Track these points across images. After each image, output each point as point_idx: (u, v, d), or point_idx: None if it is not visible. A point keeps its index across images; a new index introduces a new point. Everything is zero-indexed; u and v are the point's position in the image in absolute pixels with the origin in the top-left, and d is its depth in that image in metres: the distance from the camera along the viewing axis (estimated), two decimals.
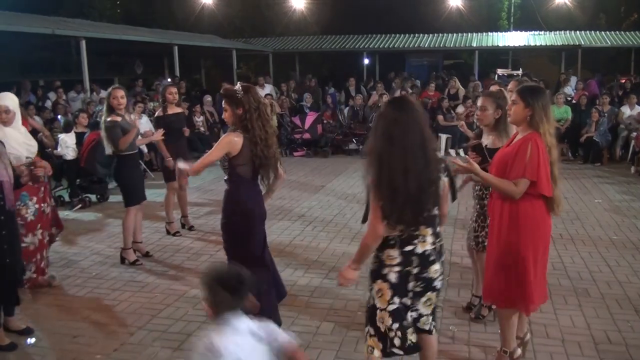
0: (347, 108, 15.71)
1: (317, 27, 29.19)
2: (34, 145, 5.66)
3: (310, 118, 14.58)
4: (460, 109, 14.35)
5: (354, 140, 14.43)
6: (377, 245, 3.29)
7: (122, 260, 6.69)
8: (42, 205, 5.73)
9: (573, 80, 17.42)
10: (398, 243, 3.29)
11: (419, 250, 3.30)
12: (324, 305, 5.42)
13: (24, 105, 11.87)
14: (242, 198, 4.63)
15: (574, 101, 14.78)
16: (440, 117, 14.33)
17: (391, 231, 3.25)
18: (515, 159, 3.74)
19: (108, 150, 6.54)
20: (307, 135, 14.53)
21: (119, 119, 6.41)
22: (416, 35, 23.88)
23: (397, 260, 3.30)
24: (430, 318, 3.50)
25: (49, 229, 5.92)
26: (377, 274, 3.36)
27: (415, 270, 3.30)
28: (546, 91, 4.02)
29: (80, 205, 9.27)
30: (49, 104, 14.57)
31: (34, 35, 13.37)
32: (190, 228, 8.03)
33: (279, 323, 4.66)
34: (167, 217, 7.88)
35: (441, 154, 13.76)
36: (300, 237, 7.58)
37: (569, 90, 16.35)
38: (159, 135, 7.13)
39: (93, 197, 9.75)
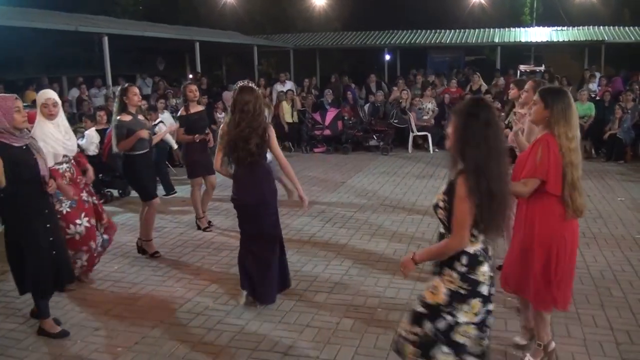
0: (368, 104, 15.66)
1: (338, 22, 29.19)
2: (72, 144, 5.69)
3: (330, 114, 14.56)
4: None
5: (374, 136, 14.38)
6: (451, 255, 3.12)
7: (143, 251, 6.79)
8: (81, 194, 5.74)
9: (598, 76, 17.19)
10: (485, 258, 3.17)
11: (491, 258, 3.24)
12: (344, 301, 5.42)
13: None
14: (233, 185, 5.30)
15: (597, 98, 14.60)
16: None
17: (474, 244, 3.11)
18: (528, 160, 3.89)
19: (115, 148, 6.59)
20: (327, 132, 14.51)
21: (128, 118, 6.47)
22: (438, 30, 23.76)
23: (489, 274, 3.17)
24: None
25: (96, 217, 5.91)
26: (474, 293, 3.12)
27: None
28: (568, 94, 4.02)
29: (102, 200, 9.35)
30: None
31: (58, 32, 13.52)
32: (209, 224, 8.05)
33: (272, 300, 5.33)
34: (196, 213, 7.93)
35: None
36: (320, 233, 7.59)
37: (593, 86, 16.14)
38: (172, 128, 7.18)
39: (115, 192, 9.87)
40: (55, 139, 5.48)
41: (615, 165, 12.00)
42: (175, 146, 10.32)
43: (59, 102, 5.59)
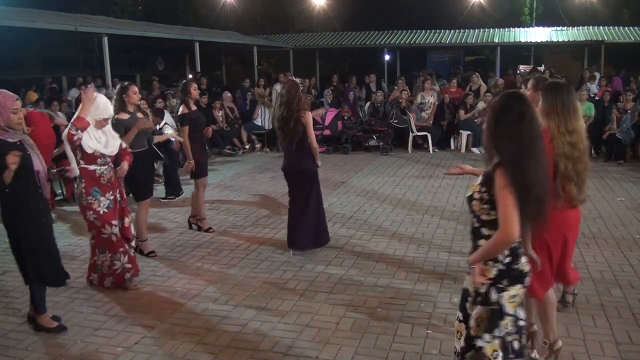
0: (368, 104, 15.65)
1: (338, 23, 29.20)
2: (112, 146, 5.82)
3: (330, 114, 14.55)
4: (481, 105, 14.23)
5: (374, 136, 14.37)
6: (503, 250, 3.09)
7: (140, 251, 6.77)
8: (116, 194, 5.82)
9: (598, 76, 17.18)
10: (522, 247, 3.22)
11: None
12: (344, 301, 5.42)
13: (47, 101, 12.07)
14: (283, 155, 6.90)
15: (597, 98, 14.58)
16: (461, 112, 14.21)
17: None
18: None
19: None
20: (327, 132, 14.50)
21: (126, 116, 6.47)
22: (437, 31, 23.76)
23: (529, 267, 3.22)
24: None
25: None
26: (519, 279, 3.15)
27: None
28: (564, 88, 4.09)
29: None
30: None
31: (57, 32, 13.51)
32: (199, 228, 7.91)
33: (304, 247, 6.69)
34: (198, 215, 7.79)
35: (462, 151, 13.74)
36: None
37: (592, 87, 16.12)
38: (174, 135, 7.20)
39: None
40: (98, 137, 5.61)
41: (615, 165, 12.00)
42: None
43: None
